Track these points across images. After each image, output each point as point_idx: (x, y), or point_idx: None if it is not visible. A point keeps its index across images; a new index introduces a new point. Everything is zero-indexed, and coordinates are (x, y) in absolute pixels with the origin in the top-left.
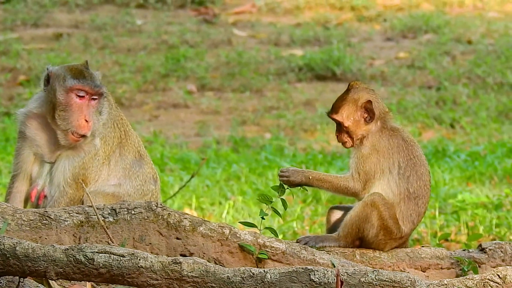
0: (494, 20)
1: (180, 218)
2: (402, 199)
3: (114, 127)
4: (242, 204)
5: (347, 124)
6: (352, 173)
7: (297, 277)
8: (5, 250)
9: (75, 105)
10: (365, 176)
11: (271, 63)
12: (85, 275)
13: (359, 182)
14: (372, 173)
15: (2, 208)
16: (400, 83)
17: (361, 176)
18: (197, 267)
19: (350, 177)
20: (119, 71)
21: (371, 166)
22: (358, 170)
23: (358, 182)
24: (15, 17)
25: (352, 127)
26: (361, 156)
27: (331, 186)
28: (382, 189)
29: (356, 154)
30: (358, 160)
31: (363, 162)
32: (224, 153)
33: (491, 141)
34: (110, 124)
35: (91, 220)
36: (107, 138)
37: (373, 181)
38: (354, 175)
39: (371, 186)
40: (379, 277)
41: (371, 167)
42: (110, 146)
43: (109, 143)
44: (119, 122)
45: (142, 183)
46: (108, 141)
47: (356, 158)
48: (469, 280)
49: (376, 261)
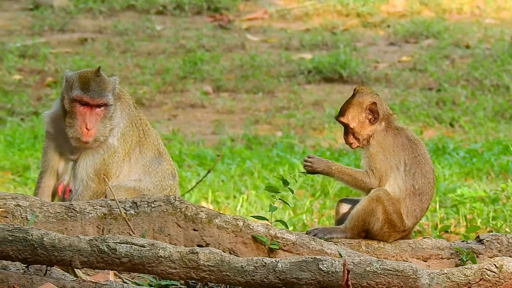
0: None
1: (197, 211)
2: (408, 195)
3: (132, 126)
4: (255, 197)
5: (353, 125)
6: (366, 170)
7: (307, 266)
8: (33, 240)
9: (78, 113)
10: (378, 173)
11: (282, 66)
12: (108, 264)
13: (374, 178)
14: (383, 169)
15: (31, 201)
16: (403, 85)
17: (375, 173)
18: (212, 257)
19: (366, 173)
20: (140, 73)
21: (381, 163)
22: (371, 168)
23: (373, 178)
24: (43, 23)
25: (357, 128)
26: (370, 155)
27: (351, 179)
28: (389, 185)
29: (365, 153)
30: (368, 159)
31: (373, 160)
32: (238, 150)
33: (488, 139)
34: (128, 124)
35: (113, 212)
36: (126, 137)
37: (386, 178)
38: (369, 172)
39: (385, 182)
40: (383, 267)
41: (381, 164)
42: (129, 144)
43: (128, 141)
44: (138, 122)
45: (161, 179)
46: (127, 139)
47: (366, 157)
48: (467, 269)
49: (381, 251)
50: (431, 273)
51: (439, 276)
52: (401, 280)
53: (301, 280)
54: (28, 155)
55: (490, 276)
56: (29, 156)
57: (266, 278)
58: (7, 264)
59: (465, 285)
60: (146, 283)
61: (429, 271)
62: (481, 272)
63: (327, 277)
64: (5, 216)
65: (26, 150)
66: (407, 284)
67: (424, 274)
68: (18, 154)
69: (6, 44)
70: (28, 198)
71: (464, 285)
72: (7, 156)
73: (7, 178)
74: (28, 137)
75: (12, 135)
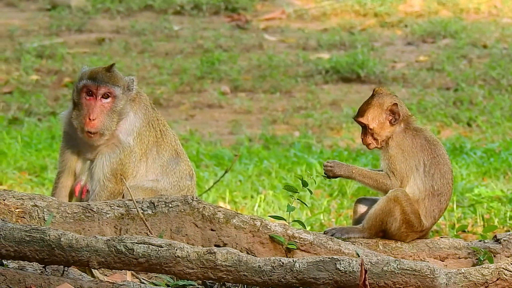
0: (508, 26)
1: (214, 211)
2: (427, 195)
3: (149, 126)
4: (272, 197)
5: (372, 126)
6: (387, 172)
7: (324, 266)
8: (50, 241)
9: (84, 104)
10: (399, 175)
11: (300, 66)
12: (125, 264)
13: (396, 180)
14: (404, 171)
15: (48, 202)
16: (420, 85)
17: (396, 175)
18: (230, 257)
19: (386, 175)
20: (157, 73)
21: (401, 165)
22: (392, 170)
23: (395, 180)
24: (60, 23)
25: (377, 129)
26: (390, 157)
27: (372, 181)
28: (409, 186)
29: (385, 155)
30: (388, 161)
31: (393, 162)
32: (256, 150)
33: (505, 139)
34: (145, 124)
35: (131, 213)
36: (142, 137)
37: (407, 179)
38: (389, 174)
39: (406, 183)
40: (400, 266)
41: (401, 165)
42: (146, 144)
43: (145, 141)
44: (155, 123)
45: (178, 179)
46: (144, 139)
47: (386, 159)
48: (484, 269)
49: (398, 251)
50: (449, 273)
51: (456, 275)
52: (419, 279)
53: (318, 280)
54: (45, 155)
55: (507, 275)
56: (46, 157)
57: (283, 278)
58: (24, 264)
59: (482, 285)
60: (163, 283)
61: (447, 271)
62: (498, 271)
63: (345, 277)
64: (23, 217)
65: (44, 151)
66: (425, 284)
67: (442, 274)
68: (36, 154)
69: (23, 44)
70: (46, 198)
71: (481, 285)
72: (24, 157)
73: (25, 178)
74: (45, 137)
75: (30, 135)
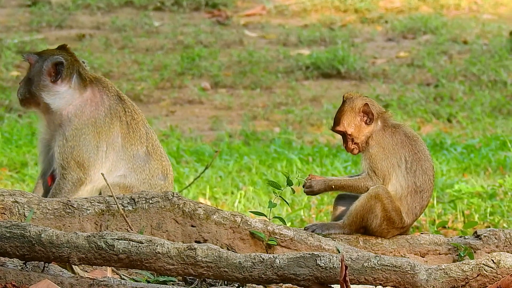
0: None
1: (194, 207)
2: (410, 192)
3: (111, 115)
4: (253, 193)
5: (350, 131)
6: (368, 173)
7: (304, 262)
8: (31, 237)
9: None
10: (381, 173)
11: (280, 62)
12: (105, 261)
13: (377, 178)
14: (385, 169)
15: (28, 198)
16: (401, 81)
17: (377, 173)
18: (210, 253)
19: (367, 177)
20: (138, 69)
21: (382, 163)
22: (373, 169)
23: (376, 179)
24: (41, 19)
25: (355, 133)
26: (370, 156)
27: (353, 189)
28: (391, 183)
29: (366, 155)
30: (369, 160)
31: (374, 161)
32: (236, 146)
33: (485, 135)
34: (103, 111)
35: (111, 209)
36: (97, 121)
37: (389, 177)
38: (371, 174)
39: (389, 181)
40: (381, 262)
41: (382, 164)
42: (106, 133)
43: (103, 128)
44: (119, 114)
45: (148, 177)
46: (102, 126)
47: (367, 159)
48: (465, 265)
49: (378, 247)
50: (429, 269)
51: (437, 271)
52: (399, 275)
53: (299, 276)
54: (26, 151)
55: (487, 271)
56: (26, 153)
57: (264, 274)
58: (5, 260)
59: (463, 281)
60: (144, 279)
61: (427, 267)
62: (479, 267)
63: (325, 273)
64: (3, 213)
65: (24, 147)
66: (405, 280)
67: (422, 270)
68: (16, 150)
69: (4, 40)
70: (26, 194)
71: (461, 281)
72: (4, 153)
73: (5, 174)
74: (26, 133)
75: (10, 131)
